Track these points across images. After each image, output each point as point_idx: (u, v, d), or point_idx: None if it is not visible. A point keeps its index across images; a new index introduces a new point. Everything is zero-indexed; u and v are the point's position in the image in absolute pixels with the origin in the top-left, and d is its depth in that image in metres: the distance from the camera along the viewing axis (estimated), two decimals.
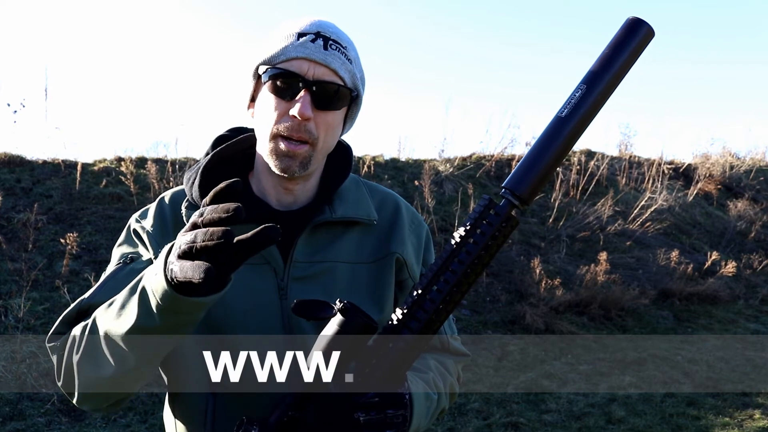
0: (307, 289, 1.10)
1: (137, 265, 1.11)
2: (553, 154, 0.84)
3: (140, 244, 1.14)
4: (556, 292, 6.22)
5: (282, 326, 1.09)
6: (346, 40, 1.11)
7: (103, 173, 6.82)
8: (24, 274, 4.81)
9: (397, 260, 1.18)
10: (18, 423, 3.60)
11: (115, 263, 1.15)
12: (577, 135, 0.85)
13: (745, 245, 9.45)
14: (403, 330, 0.87)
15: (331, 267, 1.13)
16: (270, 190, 1.16)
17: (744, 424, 4.25)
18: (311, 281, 1.12)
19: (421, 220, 1.29)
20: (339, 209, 1.16)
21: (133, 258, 1.13)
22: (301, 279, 1.11)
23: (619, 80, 0.86)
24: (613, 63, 0.85)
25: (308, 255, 1.13)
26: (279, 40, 1.07)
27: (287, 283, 1.11)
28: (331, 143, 1.12)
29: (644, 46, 0.87)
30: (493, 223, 0.84)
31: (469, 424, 4.10)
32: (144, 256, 1.12)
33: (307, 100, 1.03)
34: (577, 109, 0.84)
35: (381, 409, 0.91)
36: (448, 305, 0.86)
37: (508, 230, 0.84)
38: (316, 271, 1.12)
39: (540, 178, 0.84)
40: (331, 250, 1.15)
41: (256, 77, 1.10)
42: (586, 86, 0.85)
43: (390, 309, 1.18)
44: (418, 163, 8.83)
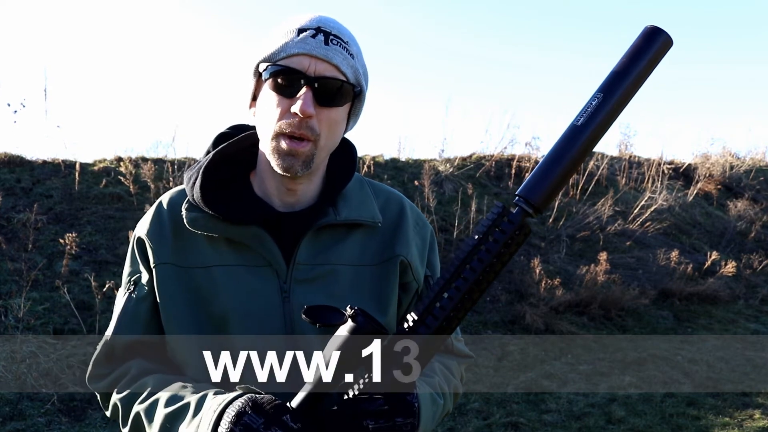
0: (309, 292, 1.09)
1: (140, 291, 1.13)
2: (568, 163, 0.83)
3: (140, 257, 1.14)
4: (556, 292, 6.22)
5: (284, 329, 1.08)
6: (348, 35, 1.09)
7: (103, 173, 6.82)
8: (24, 274, 4.81)
9: (401, 263, 1.16)
10: (18, 423, 3.60)
11: (123, 289, 1.17)
12: (593, 144, 0.84)
13: (745, 245, 9.45)
14: None
15: (334, 270, 1.12)
16: (273, 190, 1.14)
17: (744, 424, 4.25)
18: (314, 284, 1.11)
19: (426, 221, 1.28)
20: (343, 211, 1.14)
21: (136, 282, 1.14)
22: (303, 281, 1.10)
23: (636, 90, 0.85)
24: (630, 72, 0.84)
25: (311, 257, 1.12)
26: (279, 36, 1.06)
27: (290, 286, 1.10)
28: (334, 140, 1.10)
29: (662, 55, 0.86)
30: (506, 230, 0.82)
31: (469, 424, 4.10)
32: (143, 273, 1.13)
33: (309, 96, 1.02)
34: (593, 118, 0.83)
35: (390, 417, 0.90)
36: (459, 312, 0.85)
37: (521, 238, 0.83)
38: (318, 274, 1.11)
39: (554, 186, 0.83)
40: (335, 252, 1.13)
41: (256, 75, 1.09)
42: (602, 95, 0.83)
43: (394, 312, 1.16)
44: (418, 163, 8.82)
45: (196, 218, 1.10)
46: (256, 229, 1.09)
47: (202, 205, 1.09)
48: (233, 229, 1.09)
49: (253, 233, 1.09)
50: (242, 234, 1.10)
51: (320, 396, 0.90)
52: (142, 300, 1.12)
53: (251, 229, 1.09)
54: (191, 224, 1.10)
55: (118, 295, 1.18)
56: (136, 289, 1.14)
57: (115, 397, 1.10)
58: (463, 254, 0.85)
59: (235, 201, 1.12)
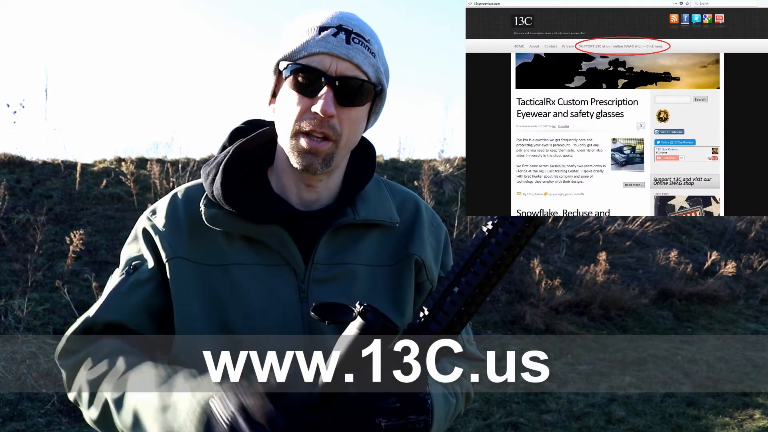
0: (327, 292, 1.08)
1: (140, 276, 1.09)
2: None
3: (146, 246, 1.11)
4: (556, 292, 6.22)
5: (303, 329, 1.07)
6: (369, 33, 1.07)
7: (103, 174, 6.82)
8: (24, 274, 4.81)
9: (416, 262, 1.15)
10: (18, 423, 3.60)
11: (120, 270, 1.13)
12: None
13: (745, 245, 9.45)
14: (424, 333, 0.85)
15: (352, 270, 1.11)
16: (291, 188, 1.13)
17: (744, 424, 4.25)
18: (332, 284, 1.09)
19: (440, 222, 1.27)
20: (362, 211, 1.13)
21: (137, 266, 1.11)
22: (321, 281, 1.09)
23: None
24: None
25: (329, 257, 1.11)
26: (300, 34, 1.04)
27: (308, 285, 1.08)
28: (354, 140, 1.09)
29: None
30: (516, 222, 0.81)
31: (469, 424, 4.10)
32: (149, 261, 1.10)
33: (330, 96, 1.00)
34: None
35: (403, 414, 0.89)
36: (469, 307, 0.84)
37: (530, 230, 0.81)
38: (336, 274, 1.10)
39: None
40: (352, 252, 1.12)
41: (276, 73, 1.07)
42: None
43: (410, 312, 1.15)
44: (418, 163, 8.82)
45: (216, 215, 1.08)
46: (277, 227, 1.08)
47: (222, 202, 1.07)
48: (252, 227, 1.08)
49: (273, 232, 1.08)
50: (262, 232, 1.08)
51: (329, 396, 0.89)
52: (138, 285, 1.09)
53: (271, 228, 1.08)
54: (210, 221, 1.08)
55: (113, 275, 1.14)
56: (135, 274, 1.10)
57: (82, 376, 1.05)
58: (473, 248, 0.83)
59: (253, 198, 1.10)
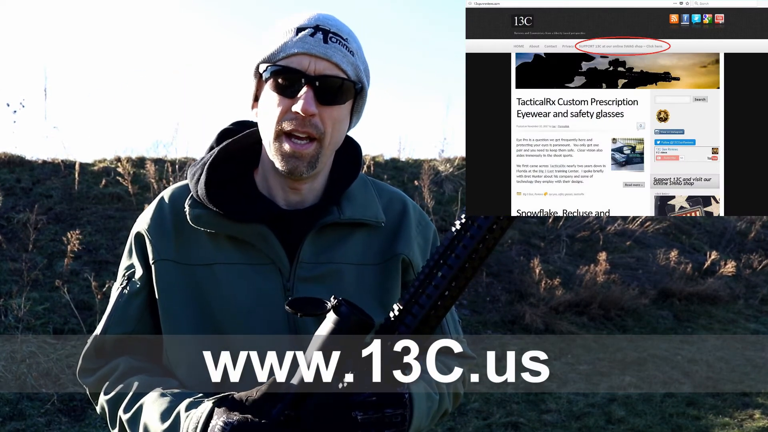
0: (313, 291, 1.08)
1: (133, 287, 1.13)
2: None
3: (137, 252, 1.14)
4: (556, 292, 6.22)
5: (288, 327, 1.08)
6: (347, 32, 1.09)
7: (103, 173, 6.82)
8: (24, 274, 4.81)
9: (402, 261, 1.16)
10: (18, 423, 3.60)
11: (117, 284, 1.17)
12: None
13: (745, 245, 9.45)
14: (399, 327, 0.85)
15: (338, 269, 1.12)
16: (277, 189, 1.14)
17: (744, 424, 4.25)
18: (318, 282, 1.10)
19: (429, 221, 1.27)
20: (347, 210, 1.14)
21: (129, 277, 1.14)
22: (307, 280, 1.10)
23: None
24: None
25: (315, 256, 1.11)
26: (278, 36, 1.06)
27: (293, 284, 1.09)
28: (338, 139, 1.10)
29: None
30: (489, 216, 0.80)
31: (469, 424, 4.10)
32: (138, 269, 1.13)
33: (310, 95, 1.02)
34: None
35: (379, 408, 0.90)
36: (445, 300, 0.83)
37: (505, 223, 0.81)
38: (322, 273, 1.11)
39: None
40: (338, 251, 1.13)
41: (257, 76, 1.08)
42: None
43: None
44: (418, 163, 8.82)
45: (200, 215, 1.10)
46: (261, 227, 1.09)
47: (207, 202, 1.09)
48: (237, 226, 1.09)
49: (257, 231, 1.09)
50: (246, 232, 1.10)
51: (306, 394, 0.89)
52: (134, 296, 1.12)
53: (255, 227, 1.09)
54: (195, 221, 1.10)
55: (113, 289, 1.18)
56: (129, 285, 1.14)
57: (103, 398, 1.12)
58: (447, 241, 0.83)
59: (239, 198, 1.12)
